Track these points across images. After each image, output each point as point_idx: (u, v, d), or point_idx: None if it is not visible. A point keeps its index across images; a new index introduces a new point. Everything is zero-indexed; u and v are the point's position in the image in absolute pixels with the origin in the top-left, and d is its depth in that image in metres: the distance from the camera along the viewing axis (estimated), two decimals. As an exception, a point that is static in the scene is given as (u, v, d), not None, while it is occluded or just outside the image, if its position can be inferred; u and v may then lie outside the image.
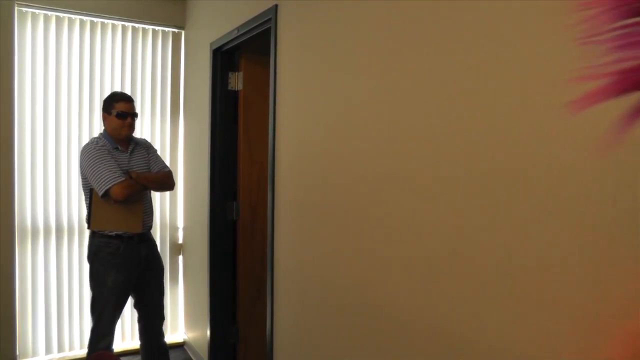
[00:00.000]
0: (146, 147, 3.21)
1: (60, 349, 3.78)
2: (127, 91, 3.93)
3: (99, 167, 2.82)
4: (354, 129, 1.91)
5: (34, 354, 3.70)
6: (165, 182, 3.15)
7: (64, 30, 3.70)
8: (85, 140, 3.75)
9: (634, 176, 0.99)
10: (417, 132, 1.57)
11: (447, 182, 1.45)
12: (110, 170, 2.82)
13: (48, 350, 3.75)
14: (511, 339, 1.26)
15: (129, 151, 3.05)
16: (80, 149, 3.01)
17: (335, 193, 2.03)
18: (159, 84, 4.11)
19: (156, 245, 3.26)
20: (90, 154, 2.87)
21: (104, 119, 3.03)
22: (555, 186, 1.14)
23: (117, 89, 3.90)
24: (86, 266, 3.76)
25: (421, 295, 1.55)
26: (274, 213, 2.53)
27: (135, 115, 3.05)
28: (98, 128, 3.83)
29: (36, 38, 3.61)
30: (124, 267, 2.97)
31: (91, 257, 2.99)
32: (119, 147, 3.00)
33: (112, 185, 2.79)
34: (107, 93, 3.80)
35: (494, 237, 1.30)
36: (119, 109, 2.96)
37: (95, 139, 3.00)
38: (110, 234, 2.94)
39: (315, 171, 2.18)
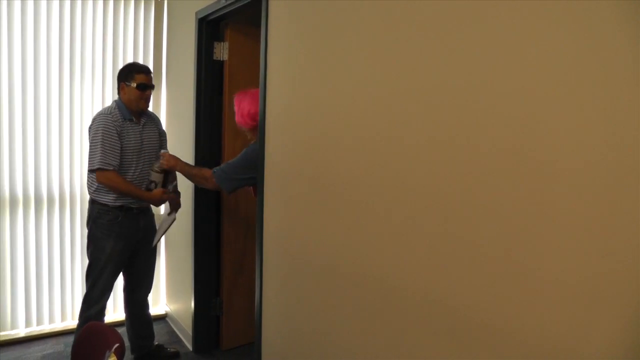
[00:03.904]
0: (157, 123, 3.25)
1: (40, 322, 3.74)
2: (108, 60, 3.85)
3: (100, 144, 2.85)
4: (346, 100, 1.91)
5: (13, 327, 3.65)
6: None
7: (42, -3, 3.57)
8: (62, 111, 3.69)
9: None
10: (411, 108, 1.58)
11: (439, 151, 1.47)
12: (106, 153, 2.85)
13: (28, 323, 3.70)
14: (501, 308, 1.29)
15: (141, 124, 3.07)
16: (95, 115, 3.02)
17: (327, 163, 2.02)
18: (141, 53, 4.02)
19: (154, 217, 3.29)
20: (100, 127, 2.88)
21: (121, 88, 3.02)
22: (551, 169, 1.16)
23: (98, 58, 3.81)
24: (67, 237, 3.76)
25: (413, 265, 1.58)
26: (263, 183, 2.52)
27: (153, 87, 3.08)
28: (78, 97, 3.75)
29: (13, 3, 3.47)
30: (122, 236, 3.00)
31: (90, 224, 3.02)
32: (133, 118, 3.02)
33: (99, 168, 2.85)
34: (87, 61, 3.75)
35: (486, 210, 1.32)
36: (139, 80, 2.97)
37: (110, 109, 2.98)
38: (112, 204, 2.96)
39: (306, 143, 2.17)
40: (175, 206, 3.25)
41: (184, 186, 3.61)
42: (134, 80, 2.97)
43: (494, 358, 1.32)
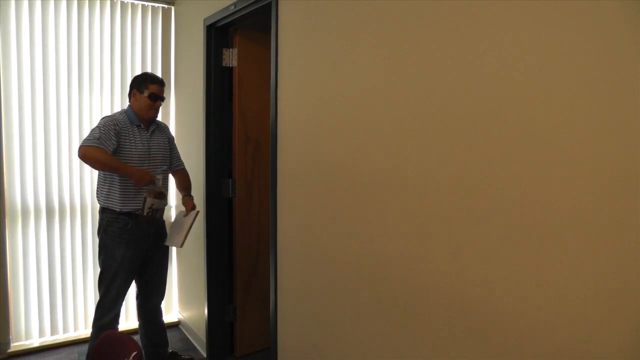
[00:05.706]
0: (166, 133, 3.30)
1: (54, 332, 3.74)
2: (117, 68, 3.87)
3: (97, 132, 2.85)
4: (356, 101, 1.91)
5: (27, 337, 3.66)
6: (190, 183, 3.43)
7: (50, 5, 3.58)
8: (72, 119, 3.72)
9: None
10: (418, 111, 1.57)
11: (454, 148, 1.46)
12: (101, 139, 2.82)
13: (41, 333, 3.70)
14: (519, 301, 1.29)
15: (150, 131, 3.12)
16: None
17: (341, 164, 2.02)
18: (149, 60, 4.03)
19: (164, 224, 3.28)
20: (100, 124, 2.92)
21: (133, 95, 3.08)
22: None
23: (107, 67, 3.83)
24: (78, 247, 3.77)
25: (435, 267, 1.57)
26: (276, 188, 2.51)
27: (163, 99, 3.13)
28: (87, 105, 3.76)
29: (21, 13, 3.49)
30: (132, 243, 3.01)
31: (101, 232, 3.04)
32: (142, 125, 3.08)
33: (84, 145, 2.80)
34: (96, 70, 3.77)
35: (494, 203, 1.32)
36: (152, 90, 3.05)
37: (115, 115, 3.04)
38: (120, 210, 2.97)
39: (319, 144, 2.17)
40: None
41: (194, 192, 3.62)
42: (148, 89, 3.03)
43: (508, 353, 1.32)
